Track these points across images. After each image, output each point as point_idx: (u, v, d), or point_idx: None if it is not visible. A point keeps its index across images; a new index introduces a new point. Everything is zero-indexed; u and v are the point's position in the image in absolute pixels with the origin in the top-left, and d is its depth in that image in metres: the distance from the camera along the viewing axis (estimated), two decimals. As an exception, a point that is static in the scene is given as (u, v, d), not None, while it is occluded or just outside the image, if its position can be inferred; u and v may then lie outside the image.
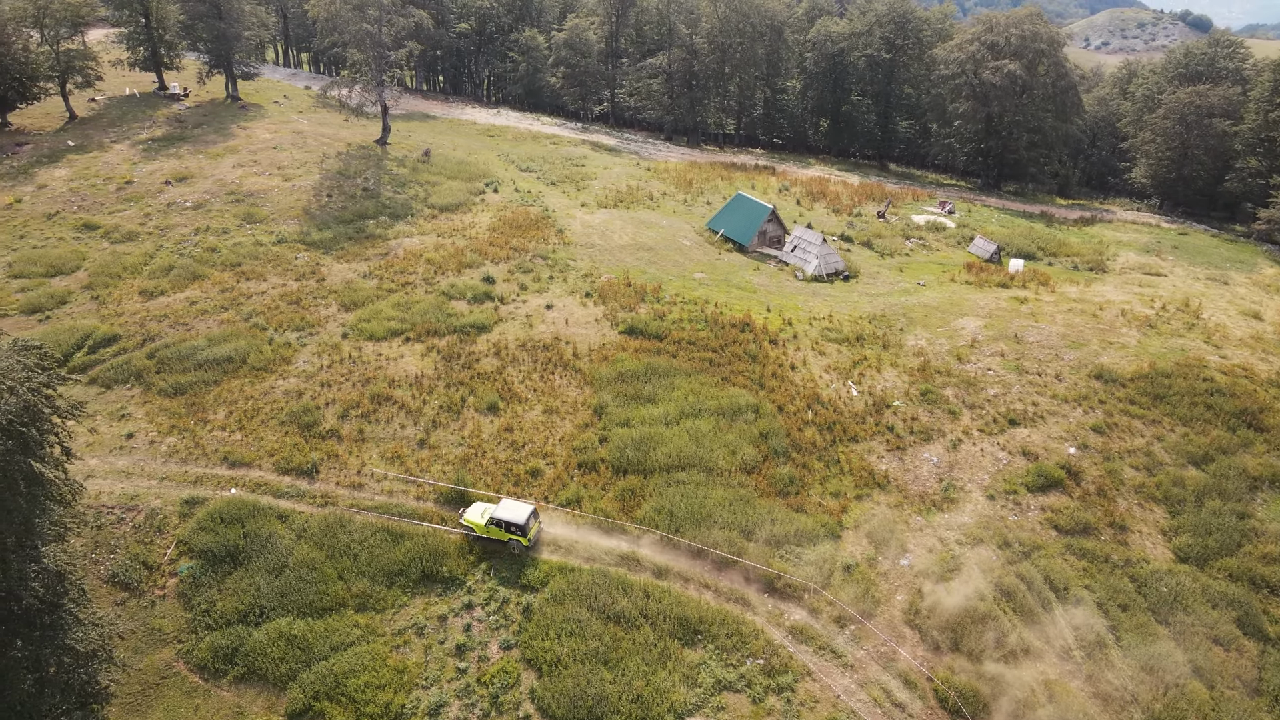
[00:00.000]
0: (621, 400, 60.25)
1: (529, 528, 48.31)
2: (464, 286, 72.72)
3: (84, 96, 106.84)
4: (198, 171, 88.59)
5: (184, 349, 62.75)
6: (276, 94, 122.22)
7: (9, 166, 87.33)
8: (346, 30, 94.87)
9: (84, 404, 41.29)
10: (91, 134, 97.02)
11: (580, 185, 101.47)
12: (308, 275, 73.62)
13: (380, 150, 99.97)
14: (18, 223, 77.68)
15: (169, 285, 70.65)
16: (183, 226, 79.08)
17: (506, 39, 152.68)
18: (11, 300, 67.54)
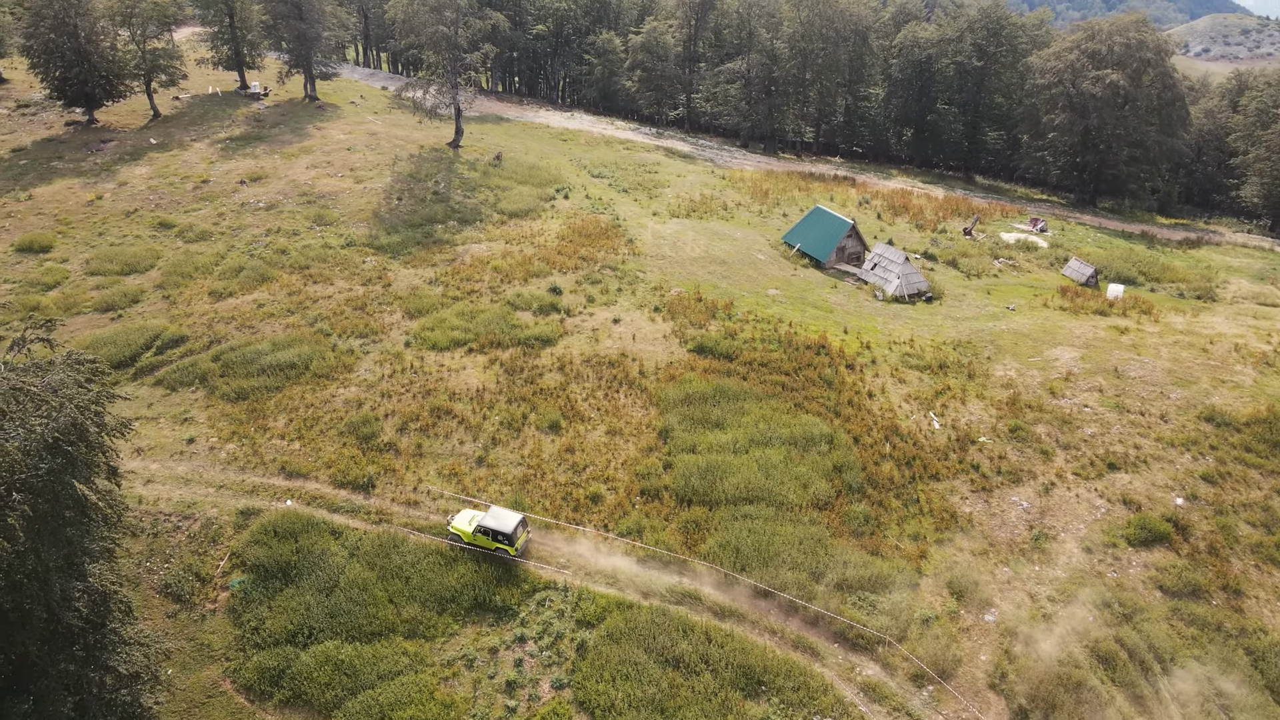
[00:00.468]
0: (688, 424, 57.82)
1: (516, 537, 47.10)
2: (530, 297, 71.27)
3: (168, 95, 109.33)
4: (272, 172, 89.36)
5: (248, 353, 62.64)
6: (353, 94, 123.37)
7: (93, 163, 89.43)
8: (423, 32, 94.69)
9: (132, 422, 40.62)
10: (173, 132, 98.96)
11: (652, 193, 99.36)
12: (374, 280, 73.15)
13: (452, 153, 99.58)
14: (98, 219, 79.24)
15: (238, 287, 70.93)
16: (254, 227, 79.60)
17: (583, 41, 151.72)
18: (87, 297, 68.60)
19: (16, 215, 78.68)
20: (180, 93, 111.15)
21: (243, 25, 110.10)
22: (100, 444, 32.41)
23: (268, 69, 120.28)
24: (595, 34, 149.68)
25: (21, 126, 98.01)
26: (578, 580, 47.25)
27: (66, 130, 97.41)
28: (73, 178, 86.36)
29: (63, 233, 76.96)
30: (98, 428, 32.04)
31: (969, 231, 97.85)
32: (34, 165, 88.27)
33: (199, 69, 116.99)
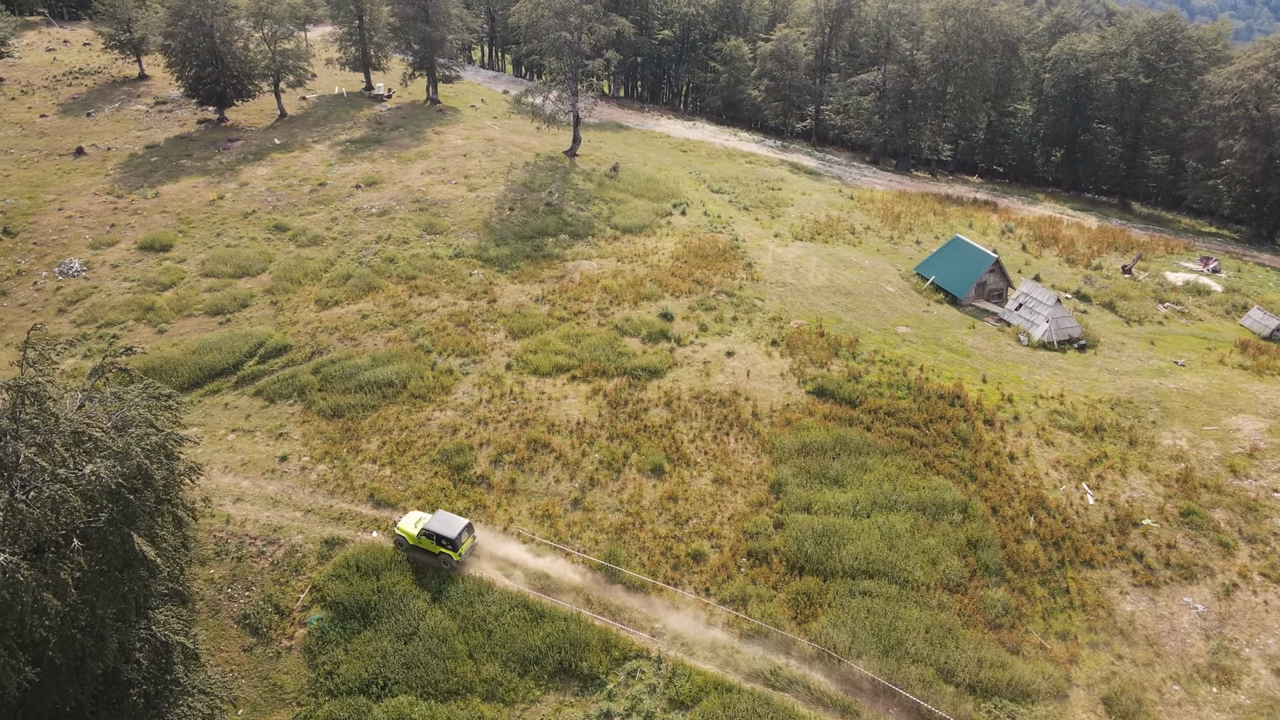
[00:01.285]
0: (804, 478, 52.94)
1: (460, 542, 46.10)
2: (639, 322, 67.72)
3: (296, 95, 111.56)
4: (387, 176, 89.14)
5: (348, 367, 61.44)
6: (474, 97, 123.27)
7: (218, 162, 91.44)
8: (545, 38, 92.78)
9: (202, 466, 38.73)
10: (297, 132, 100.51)
11: (774, 212, 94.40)
12: (479, 295, 71.18)
13: (568, 162, 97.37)
14: (217, 219, 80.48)
15: (344, 295, 70.22)
16: (365, 233, 79.15)
17: (709, 47, 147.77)
18: (199, 300, 69.21)
19: (142, 213, 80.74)
20: (307, 93, 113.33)
21: (371, 27, 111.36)
22: (167, 492, 30.49)
23: (392, 70, 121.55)
24: (723, 40, 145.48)
25: (157, 123, 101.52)
26: (673, 651, 43.22)
27: (198, 128, 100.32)
28: (198, 176, 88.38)
29: (183, 232, 78.42)
30: (166, 473, 30.13)
31: (1129, 270, 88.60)
32: (164, 163, 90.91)
33: (327, 69, 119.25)
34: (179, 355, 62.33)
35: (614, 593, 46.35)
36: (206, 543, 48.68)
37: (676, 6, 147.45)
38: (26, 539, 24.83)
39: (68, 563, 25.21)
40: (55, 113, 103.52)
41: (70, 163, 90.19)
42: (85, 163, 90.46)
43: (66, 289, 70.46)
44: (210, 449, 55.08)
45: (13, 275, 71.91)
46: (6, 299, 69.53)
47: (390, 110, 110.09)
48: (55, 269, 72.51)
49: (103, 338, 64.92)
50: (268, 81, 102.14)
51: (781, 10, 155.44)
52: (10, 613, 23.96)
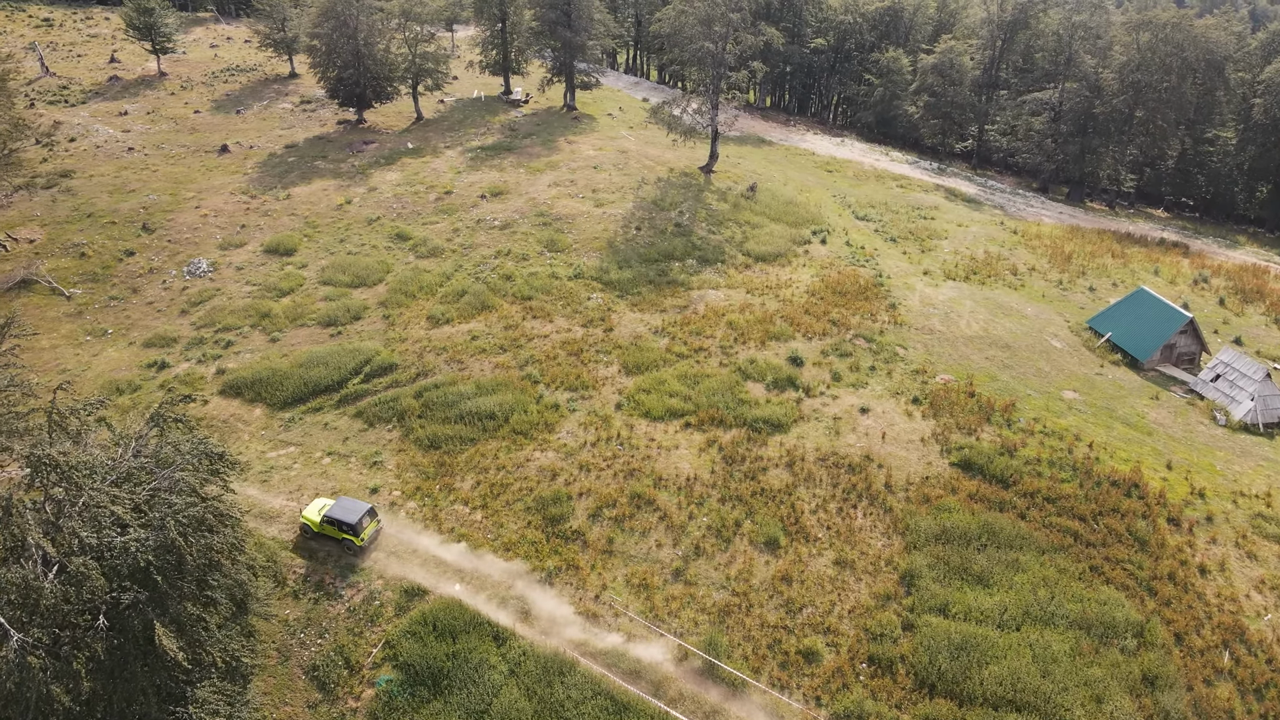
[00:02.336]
0: (941, 571, 46.15)
1: (361, 527, 46.67)
2: (765, 365, 62.18)
3: (435, 97, 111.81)
4: (514, 187, 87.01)
5: (451, 394, 58.81)
6: (612, 105, 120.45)
7: (351, 165, 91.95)
8: (687, 48, 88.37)
9: (244, 542, 35.70)
10: (430, 137, 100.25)
11: (925, 245, 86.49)
12: (596, 322, 67.43)
13: (703, 179, 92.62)
14: (342, 224, 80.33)
15: (456, 313, 67.97)
16: (485, 247, 76.99)
17: (865, 58, 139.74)
18: (314, 309, 68.58)
19: (272, 214, 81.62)
20: (445, 96, 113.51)
21: (513, 31, 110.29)
22: (207, 572, 27.62)
23: (532, 75, 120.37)
24: (880, 51, 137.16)
25: (300, 122, 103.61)
26: (772, 772, 37.72)
27: (337, 129, 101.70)
28: (330, 179, 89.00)
29: (308, 236, 78.60)
30: (203, 547, 27.22)
31: (1354, 337, 75.79)
32: (300, 163, 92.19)
33: (468, 72, 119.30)
34: (286, 367, 61.49)
35: (709, 689, 41.20)
36: (287, 577, 46.85)
37: (832, 15, 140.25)
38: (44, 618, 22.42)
39: (84, 650, 22.63)
40: (208, 109, 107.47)
41: (214, 160, 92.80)
42: (228, 160, 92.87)
43: (192, 289, 71.45)
44: (304, 472, 53.49)
45: (145, 272, 73.64)
46: (136, 296, 71.11)
47: (525, 116, 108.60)
48: (184, 268, 73.81)
49: (218, 342, 65.06)
50: (406, 84, 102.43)
51: (948, 20, 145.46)
52: (16, 703, 21.54)
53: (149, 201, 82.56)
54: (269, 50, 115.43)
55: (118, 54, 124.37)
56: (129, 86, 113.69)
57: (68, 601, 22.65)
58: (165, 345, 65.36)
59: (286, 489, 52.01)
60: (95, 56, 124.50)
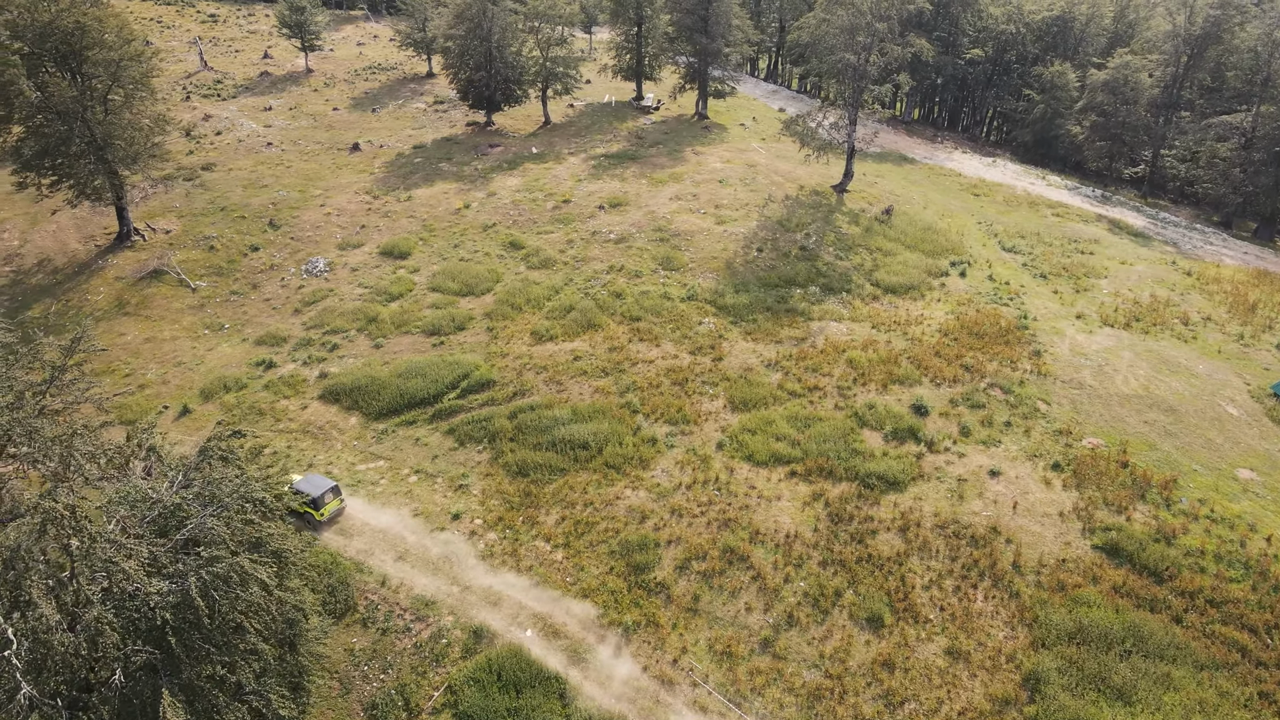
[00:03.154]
0: (1074, 677, 40.20)
1: (323, 503, 48.38)
2: (885, 412, 56.99)
3: (564, 101, 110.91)
4: (634, 199, 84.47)
5: (545, 418, 56.61)
6: (746, 114, 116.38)
7: (474, 168, 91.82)
8: (827, 59, 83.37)
9: (294, 580, 33.46)
10: (556, 142, 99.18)
11: (1080, 284, 78.36)
12: (705, 349, 63.86)
13: (835, 199, 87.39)
14: (458, 230, 79.92)
15: (560, 330, 65.87)
16: (598, 261, 74.70)
17: (1026, 72, 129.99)
18: (420, 317, 68.04)
19: (392, 215, 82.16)
20: (575, 100, 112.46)
21: (648, 35, 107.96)
22: (225, 636, 25.67)
23: (665, 81, 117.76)
24: (1044, 64, 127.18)
25: (430, 123, 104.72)
26: None
27: (465, 130, 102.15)
28: (452, 182, 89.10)
29: (424, 240, 78.56)
30: (229, 603, 25.14)
31: None
32: (425, 165, 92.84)
33: (600, 76, 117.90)
34: (385, 376, 60.93)
35: (790, 787, 37.02)
36: (359, 602, 45.65)
37: (993, 24, 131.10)
38: (56, 672, 21.03)
39: (93, 711, 21.09)
40: (347, 107, 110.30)
41: (345, 158, 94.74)
42: (358, 159, 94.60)
43: (307, 289, 72.43)
44: (389, 489, 52.43)
45: (266, 269, 75.28)
46: (255, 292, 72.69)
47: (654, 124, 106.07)
48: (303, 267, 75.00)
49: (325, 344, 65.39)
50: (536, 88, 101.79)
51: (1125, 32, 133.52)
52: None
53: (278, 198, 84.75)
54: (409, 50, 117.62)
55: (271, 50, 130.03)
56: (277, 82, 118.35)
57: (79, 655, 21.32)
58: (275, 344, 66.25)
59: (368, 507, 51.03)
60: (251, 52, 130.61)
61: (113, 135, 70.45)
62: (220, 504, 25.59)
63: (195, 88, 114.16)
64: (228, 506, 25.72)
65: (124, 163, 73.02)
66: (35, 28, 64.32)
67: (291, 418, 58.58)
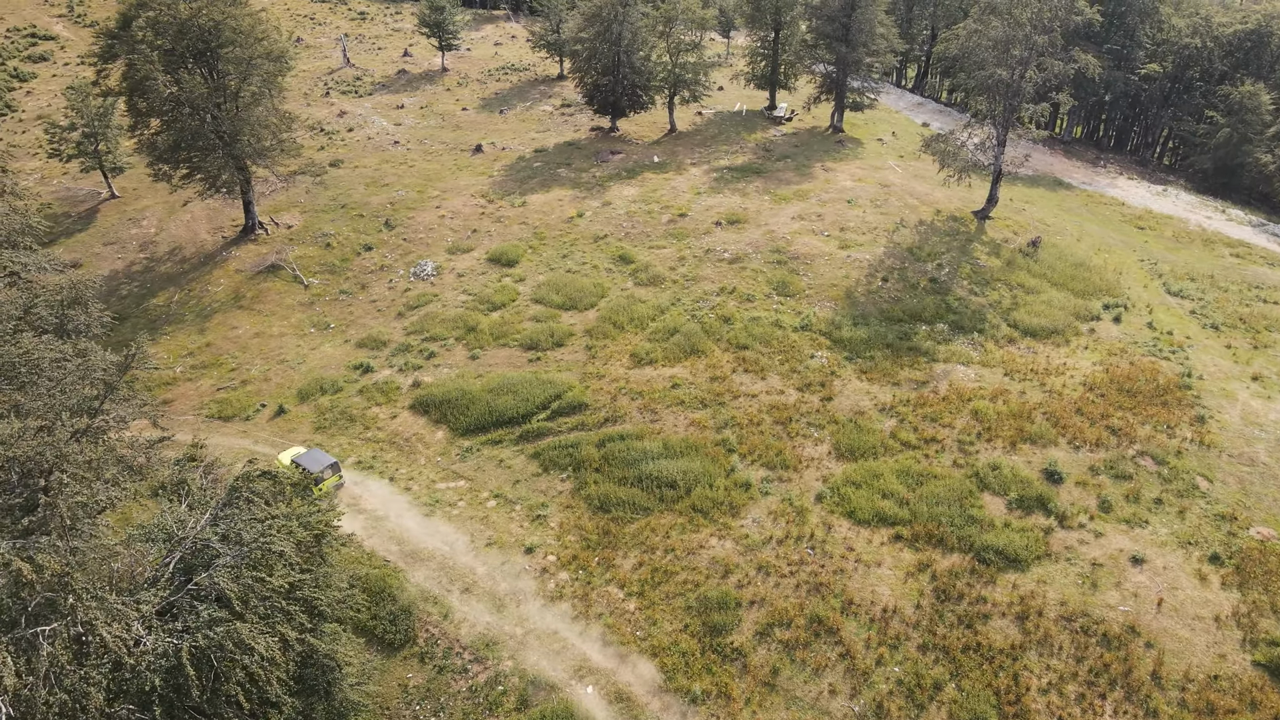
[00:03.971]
0: (1219, 828, 33.87)
1: (322, 479, 49.91)
2: (1010, 476, 51.01)
3: (693, 109, 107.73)
4: (753, 216, 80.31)
5: (635, 450, 53.57)
6: (885, 128, 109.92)
7: (592, 175, 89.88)
8: (976, 75, 76.63)
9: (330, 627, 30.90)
10: (679, 151, 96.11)
11: (1260, 339, 68.87)
12: (814, 386, 59.27)
13: (975, 227, 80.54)
14: (569, 239, 78.02)
15: (661, 354, 62.69)
16: (709, 281, 71.10)
17: (1211, 91, 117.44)
18: (519, 329, 66.34)
19: (504, 221, 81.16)
20: (704, 107, 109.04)
21: (785, 42, 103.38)
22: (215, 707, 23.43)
23: (800, 91, 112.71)
24: (1232, 83, 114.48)
25: (555, 126, 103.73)
26: None
27: (589, 135, 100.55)
28: (568, 189, 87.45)
29: (533, 248, 77.10)
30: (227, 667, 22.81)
31: None
32: (544, 169, 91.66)
33: (733, 84, 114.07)
34: (477, 390, 59.42)
35: None
36: (419, 634, 43.93)
37: (1175, 36, 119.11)
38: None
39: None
40: (476, 107, 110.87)
41: (467, 159, 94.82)
42: (479, 161, 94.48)
43: (413, 292, 72.15)
44: (466, 513, 50.67)
45: (376, 269, 75.60)
46: (363, 293, 73.00)
47: (784, 136, 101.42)
48: (411, 269, 74.90)
49: (422, 352, 64.63)
50: (663, 94, 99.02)
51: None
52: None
53: (396, 197, 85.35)
54: (541, 51, 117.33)
55: (411, 48, 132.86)
56: (412, 80, 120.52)
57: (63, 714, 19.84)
58: (375, 348, 66.04)
59: (443, 531, 49.39)
60: (392, 50, 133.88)
61: (241, 131, 72.21)
62: (243, 548, 23.78)
63: (336, 84, 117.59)
64: (249, 555, 23.88)
65: (251, 158, 74.84)
66: (174, 25, 66.40)
67: (380, 426, 57.90)
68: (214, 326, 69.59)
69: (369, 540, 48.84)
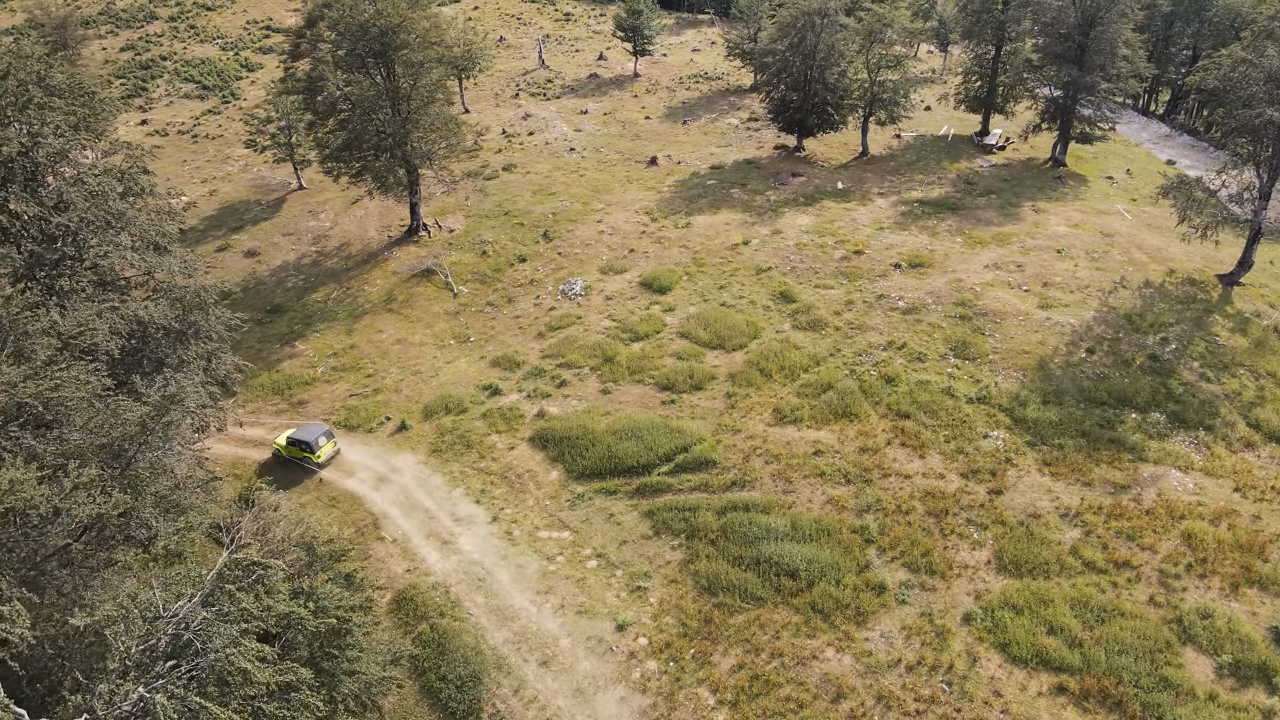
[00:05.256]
0: None
1: (317, 446, 52.50)
2: (1226, 630, 40.61)
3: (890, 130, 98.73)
4: (939, 261, 71.19)
5: (758, 525, 47.36)
6: (1118, 165, 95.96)
7: (766, 199, 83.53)
8: (1238, 114, 63.49)
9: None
10: (867, 178, 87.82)
11: None
12: (982, 475, 50.52)
13: (1218, 294, 67.41)
14: (729, 269, 72.30)
15: (808, 413, 55.83)
16: (876, 332, 63.24)
17: None
18: (658, 366, 61.45)
19: (664, 242, 76.64)
20: (903, 130, 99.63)
21: (1006, 61, 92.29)
22: None
23: (1018, 116, 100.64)
24: None
25: (737, 141, 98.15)
26: None
27: (770, 154, 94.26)
28: (738, 212, 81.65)
29: (690, 275, 72.04)
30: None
31: None
32: (717, 189, 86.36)
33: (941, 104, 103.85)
34: (599, 431, 55.19)
35: None
36: (485, 708, 40.18)
37: None
38: None
39: None
40: (659, 116, 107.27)
41: (639, 172, 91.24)
42: (651, 174, 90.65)
43: (557, 312, 69.15)
44: (562, 572, 46.50)
45: (526, 283, 73.33)
46: (509, 307, 70.88)
47: (992, 167, 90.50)
48: (560, 286, 72.03)
49: (554, 379, 61.29)
50: (857, 114, 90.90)
51: None
52: None
53: (560, 208, 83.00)
54: (735, 59, 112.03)
55: (607, 52, 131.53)
56: (602, 85, 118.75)
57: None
58: (508, 368, 63.46)
59: (535, 589, 45.45)
60: (588, 53, 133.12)
61: (410, 134, 71.95)
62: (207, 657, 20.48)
63: (527, 85, 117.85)
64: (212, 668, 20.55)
65: (419, 161, 74.63)
66: (355, 25, 66.72)
67: (495, 457, 54.98)
68: (362, 328, 69.72)
69: (456, 586, 45.79)
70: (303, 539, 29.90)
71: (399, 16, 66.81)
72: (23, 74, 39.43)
